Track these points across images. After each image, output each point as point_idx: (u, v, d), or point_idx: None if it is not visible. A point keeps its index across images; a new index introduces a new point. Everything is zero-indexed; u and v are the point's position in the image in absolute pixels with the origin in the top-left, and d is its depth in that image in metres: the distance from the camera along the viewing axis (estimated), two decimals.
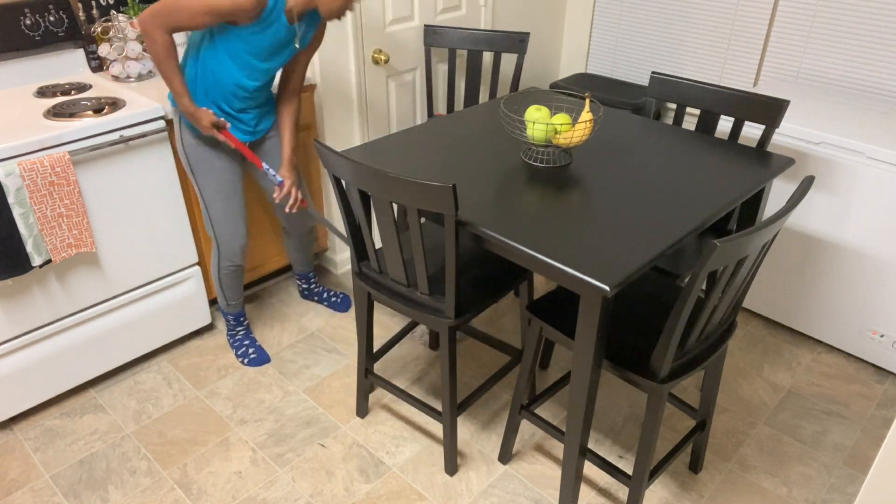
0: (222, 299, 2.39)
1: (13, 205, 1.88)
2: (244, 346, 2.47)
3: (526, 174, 1.83)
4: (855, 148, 2.21)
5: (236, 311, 2.44)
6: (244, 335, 2.50)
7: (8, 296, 2.00)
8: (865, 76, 2.64)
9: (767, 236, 1.42)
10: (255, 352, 2.45)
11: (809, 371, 2.44)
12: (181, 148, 2.08)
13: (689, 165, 1.87)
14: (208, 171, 2.10)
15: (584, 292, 1.44)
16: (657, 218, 1.61)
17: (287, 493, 1.96)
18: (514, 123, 2.15)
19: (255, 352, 2.46)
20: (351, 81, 2.61)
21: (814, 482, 2.01)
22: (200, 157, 2.08)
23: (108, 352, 2.31)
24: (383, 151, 1.95)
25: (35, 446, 2.11)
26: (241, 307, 2.45)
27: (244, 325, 2.50)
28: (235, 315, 2.46)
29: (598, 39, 3.43)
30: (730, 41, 2.95)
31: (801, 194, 1.50)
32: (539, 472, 2.04)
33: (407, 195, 1.54)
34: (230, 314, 2.45)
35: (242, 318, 2.48)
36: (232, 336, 2.50)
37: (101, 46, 2.37)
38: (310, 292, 2.75)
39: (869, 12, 2.55)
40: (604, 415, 2.24)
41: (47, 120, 2.03)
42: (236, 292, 2.38)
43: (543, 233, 1.54)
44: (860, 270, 2.33)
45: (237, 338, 2.49)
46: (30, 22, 2.29)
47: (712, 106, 2.13)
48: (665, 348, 1.49)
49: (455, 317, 1.75)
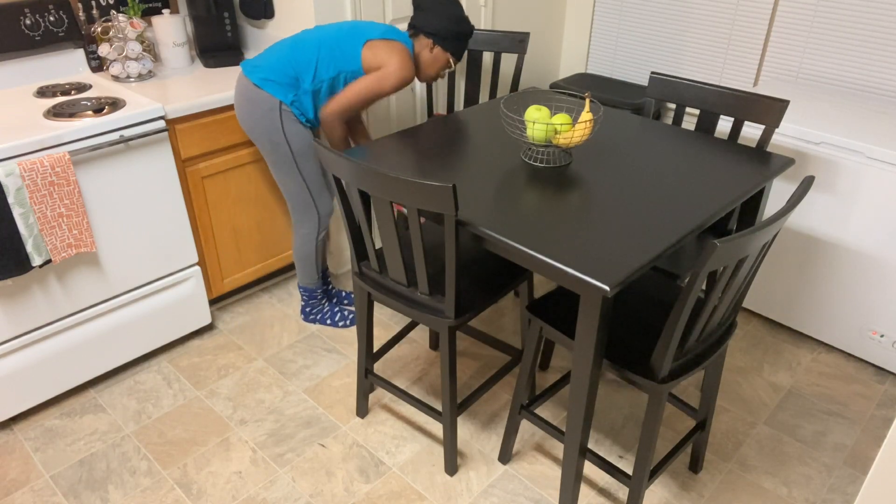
0: (313, 273, 2.51)
1: (13, 205, 1.88)
2: (337, 313, 2.62)
3: (526, 174, 1.83)
4: (855, 148, 2.21)
5: (319, 283, 2.57)
6: (330, 304, 2.65)
7: (8, 296, 2.00)
8: (865, 76, 2.64)
9: (767, 236, 1.42)
10: (350, 312, 2.63)
11: (809, 371, 2.44)
12: (283, 138, 2.19)
13: (688, 165, 1.87)
14: (309, 153, 2.26)
15: (584, 292, 1.44)
16: (657, 218, 1.61)
17: (287, 493, 1.96)
18: (514, 123, 2.15)
19: (350, 312, 2.63)
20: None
21: (814, 482, 2.01)
22: (303, 142, 2.23)
23: (108, 352, 2.31)
24: (383, 151, 1.95)
25: (35, 446, 2.11)
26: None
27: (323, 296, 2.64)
28: (319, 286, 2.59)
29: (598, 39, 3.43)
30: (730, 41, 2.95)
31: (800, 194, 1.50)
32: (539, 472, 2.04)
33: (407, 195, 1.54)
34: (318, 289, 2.58)
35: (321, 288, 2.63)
36: (319, 310, 2.63)
37: (101, 46, 2.37)
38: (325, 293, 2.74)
39: (869, 12, 2.55)
40: (604, 415, 2.24)
41: (47, 120, 2.03)
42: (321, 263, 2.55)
43: (543, 233, 1.54)
44: (860, 270, 2.33)
45: (325, 310, 2.63)
46: (30, 22, 2.29)
47: (712, 106, 2.13)
48: (665, 348, 1.49)
49: (455, 317, 1.75)
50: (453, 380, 1.85)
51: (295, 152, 2.24)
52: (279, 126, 2.17)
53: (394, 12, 2.64)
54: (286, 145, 2.21)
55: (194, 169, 2.34)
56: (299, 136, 2.21)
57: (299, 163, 2.26)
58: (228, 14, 2.63)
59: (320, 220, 2.42)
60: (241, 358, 2.48)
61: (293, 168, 2.27)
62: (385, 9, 2.61)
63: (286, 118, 2.16)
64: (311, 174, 2.32)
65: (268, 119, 2.15)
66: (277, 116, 2.15)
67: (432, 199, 1.51)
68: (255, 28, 2.72)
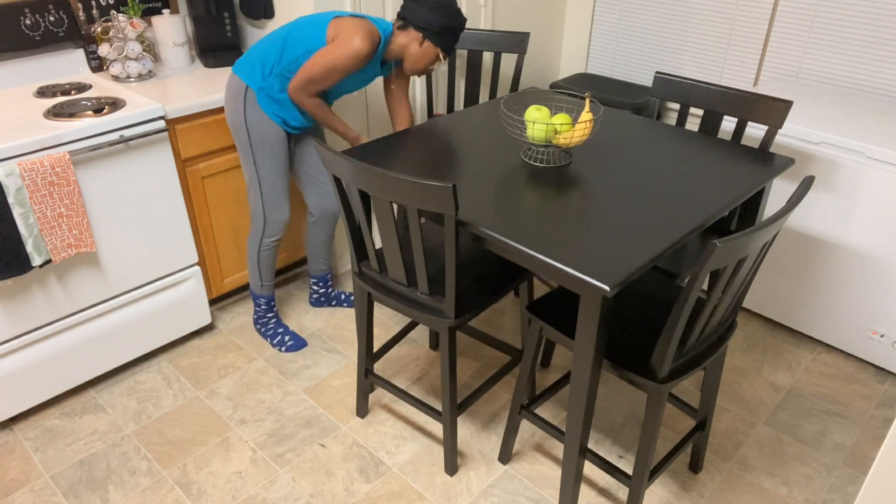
0: (257, 280, 2.42)
1: (13, 205, 1.88)
2: (279, 334, 2.50)
3: (526, 174, 1.83)
4: (855, 148, 2.21)
5: (269, 293, 2.48)
6: (276, 322, 2.53)
7: (8, 296, 2.00)
8: (865, 76, 2.64)
9: (767, 236, 1.42)
10: (290, 338, 2.49)
11: (809, 371, 2.44)
12: (243, 122, 2.13)
13: (688, 165, 1.87)
14: (268, 147, 2.18)
15: (584, 292, 1.44)
16: (656, 218, 1.61)
17: (287, 493, 1.96)
18: (514, 123, 2.15)
19: (291, 338, 2.49)
20: None
21: (814, 482, 2.01)
22: (264, 134, 2.15)
23: (108, 352, 2.31)
24: (383, 151, 1.95)
25: (35, 446, 2.11)
26: (273, 290, 2.49)
27: (275, 310, 2.53)
28: (268, 298, 2.49)
29: (598, 39, 3.43)
30: (730, 41, 2.95)
31: (801, 194, 1.50)
32: (539, 472, 2.04)
33: (407, 195, 1.54)
34: (263, 297, 2.48)
35: (273, 303, 2.51)
36: (264, 324, 2.52)
37: (101, 46, 2.37)
38: (327, 297, 2.72)
39: (869, 12, 2.55)
40: (604, 415, 2.24)
41: (47, 120, 2.03)
42: (272, 272, 2.43)
43: (543, 233, 1.54)
44: (860, 270, 2.33)
45: (269, 325, 2.52)
46: (30, 22, 2.29)
47: (715, 106, 2.13)
48: (665, 348, 1.49)
49: (455, 317, 1.74)
50: (453, 380, 1.85)
51: (252, 140, 2.16)
52: (241, 109, 2.12)
53: (394, 12, 2.64)
54: (245, 131, 2.15)
55: (194, 169, 2.34)
56: (261, 126, 2.14)
57: (255, 154, 2.19)
58: (228, 14, 2.63)
59: (265, 224, 2.32)
60: (241, 358, 2.48)
61: (249, 157, 2.20)
62: (385, 9, 2.61)
63: (249, 102, 2.11)
64: (266, 171, 2.23)
65: (233, 102, 2.13)
66: (242, 99, 2.11)
67: (432, 198, 1.51)
68: (255, 28, 2.72)
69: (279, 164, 2.23)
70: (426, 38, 2.05)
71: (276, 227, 2.34)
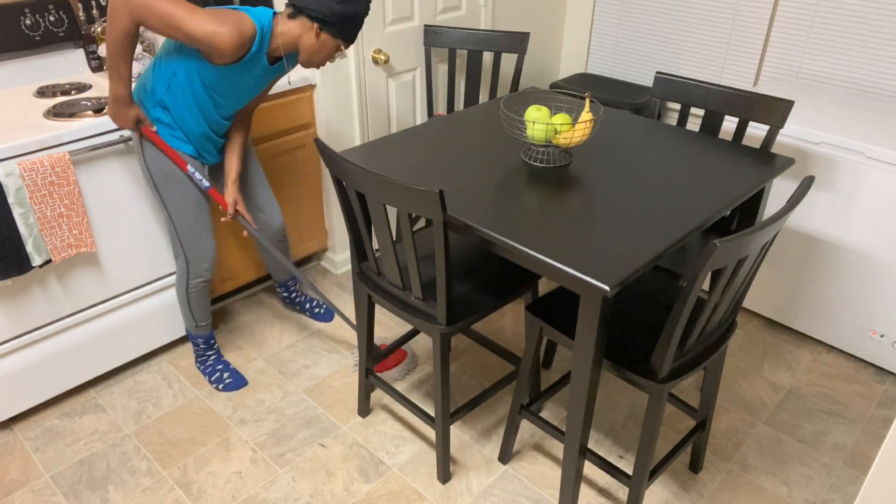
0: (191, 321, 2.25)
1: (13, 205, 1.88)
2: (218, 371, 2.34)
3: (526, 174, 1.83)
4: (855, 148, 2.21)
5: (206, 332, 2.31)
6: (216, 359, 2.37)
7: (8, 296, 2.00)
8: (865, 76, 2.64)
9: (767, 236, 1.42)
10: (230, 375, 2.33)
11: (809, 371, 2.44)
12: (142, 162, 1.97)
13: (688, 165, 1.87)
14: (174, 183, 1.99)
15: (584, 292, 1.44)
16: (657, 218, 1.61)
17: (287, 493, 1.96)
18: (514, 123, 2.15)
19: (231, 375, 2.33)
20: (351, 81, 2.61)
21: (814, 482, 2.01)
22: (165, 169, 1.97)
23: (108, 352, 2.31)
24: (384, 151, 1.95)
25: (35, 446, 2.11)
26: (211, 327, 2.33)
27: (215, 347, 2.37)
28: (206, 337, 2.33)
29: (598, 39, 3.43)
30: (730, 41, 2.95)
31: (801, 194, 1.50)
32: (539, 472, 2.04)
33: (396, 198, 1.53)
34: (200, 337, 2.31)
35: (213, 340, 2.36)
36: (203, 362, 2.37)
37: (101, 46, 2.37)
38: (291, 301, 2.66)
39: (869, 12, 2.55)
40: (604, 415, 2.24)
41: (47, 120, 2.03)
42: (206, 311, 2.26)
43: (543, 233, 1.54)
44: (860, 270, 2.33)
45: (208, 363, 2.36)
46: (30, 22, 2.29)
47: (716, 106, 2.13)
48: (665, 348, 1.49)
49: (448, 323, 1.72)
50: (446, 387, 1.83)
51: (156, 179, 1.96)
52: (140, 151, 1.94)
53: (394, 12, 2.64)
54: (148, 172, 1.97)
55: None
56: (156, 162, 1.95)
57: (162, 194, 1.99)
58: None
59: (189, 267, 2.12)
60: (241, 358, 2.48)
61: (161, 201, 2.01)
62: (385, 9, 2.61)
63: (145, 142, 1.93)
64: (177, 210, 2.01)
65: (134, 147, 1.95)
66: (136, 140, 1.94)
67: (419, 203, 1.50)
68: None
69: (190, 198, 2.02)
70: (323, 29, 1.79)
71: (200, 269, 2.14)
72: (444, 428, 1.90)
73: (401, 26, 2.70)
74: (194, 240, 2.09)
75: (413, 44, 2.77)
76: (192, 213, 2.05)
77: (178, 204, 2.02)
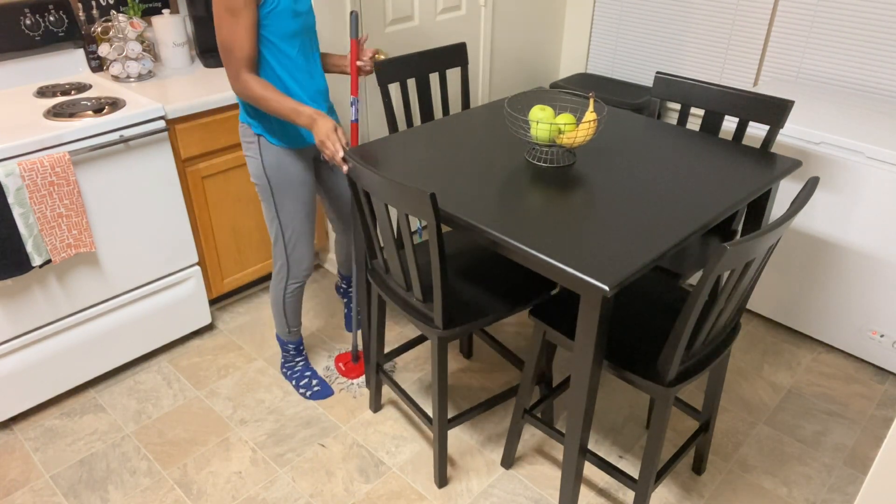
0: (284, 326, 2.24)
1: (13, 205, 1.88)
2: (306, 378, 2.32)
3: (529, 174, 1.82)
4: (855, 148, 2.21)
5: (297, 338, 2.30)
6: (304, 365, 2.36)
7: (8, 296, 2.00)
8: (865, 76, 2.64)
9: (774, 238, 1.41)
10: (318, 384, 2.31)
11: (809, 371, 2.44)
12: (261, 171, 1.95)
13: (693, 166, 1.87)
14: (291, 192, 1.99)
15: (584, 292, 1.44)
16: (660, 218, 1.61)
17: (287, 493, 1.96)
18: (518, 123, 2.15)
19: (319, 383, 2.31)
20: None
21: (814, 482, 2.01)
22: (284, 178, 1.96)
23: (108, 352, 2.31)
24: (385, 150, 1.95)
25: (35, 446, 2.11)
26: (301, 335, 2.34)
27: (304, 353, 2.37)
28: (296, 343, 2.32)
29: (598, 39, 3.43)
30: (730, 41, 2.95)
31: (806, 196, 1.50)
32: (539, 472, 2.04)
33: (392, 198, 1.53)
34: (291, 343, 2.30)
35: (302, 346, 2.35)
36: (291, 367, 2.35)
37: (101, 46, 2.37)
38: (344, 293, 2.67)
39: (869, 12, 2.55)
40: (604, 415, 2.24)
41: (47, 120, 2.03)
42: (299, 316, 2.25)
43: (546, 232, 1.54)
44: (860, 270, 2.33)
45: (297, 369, 2.35)
46: (30, 22, 2.29)
47: (717, 106, 2.13)
48: (673, 351, 1.49)
49: (445, 327, 1.71)
50: (443, 392, 1.83)
51: (275, 189, 1.98)
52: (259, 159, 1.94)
53: (394, 12, 2.64)
54: (267, 182, 1.98)
55: (194, 169, 2.34)
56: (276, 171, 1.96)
57: (277, 203, 2.01)
58: None
59: (289, 272, 2.13)
60: (241, 358, 2.48)
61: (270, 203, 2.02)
62: (385, 9, 2.61)
63: (264, 150, 1.93)
64: (289, 218, 2.03)
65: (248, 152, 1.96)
66: (254, 149, 1.94)
67: (412, 203, 1.50)
68: None
69: (303, 207, 2.04)
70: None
71: (299, 274, 2.15)
72: (442, 433, 1.89)
73: (401, 26, 2.70)
74: (299, 246, 2.09)
75: (413, 44, 2.77)
76: (302, 220, 2.06)
77: (291, 211, 2.02)
